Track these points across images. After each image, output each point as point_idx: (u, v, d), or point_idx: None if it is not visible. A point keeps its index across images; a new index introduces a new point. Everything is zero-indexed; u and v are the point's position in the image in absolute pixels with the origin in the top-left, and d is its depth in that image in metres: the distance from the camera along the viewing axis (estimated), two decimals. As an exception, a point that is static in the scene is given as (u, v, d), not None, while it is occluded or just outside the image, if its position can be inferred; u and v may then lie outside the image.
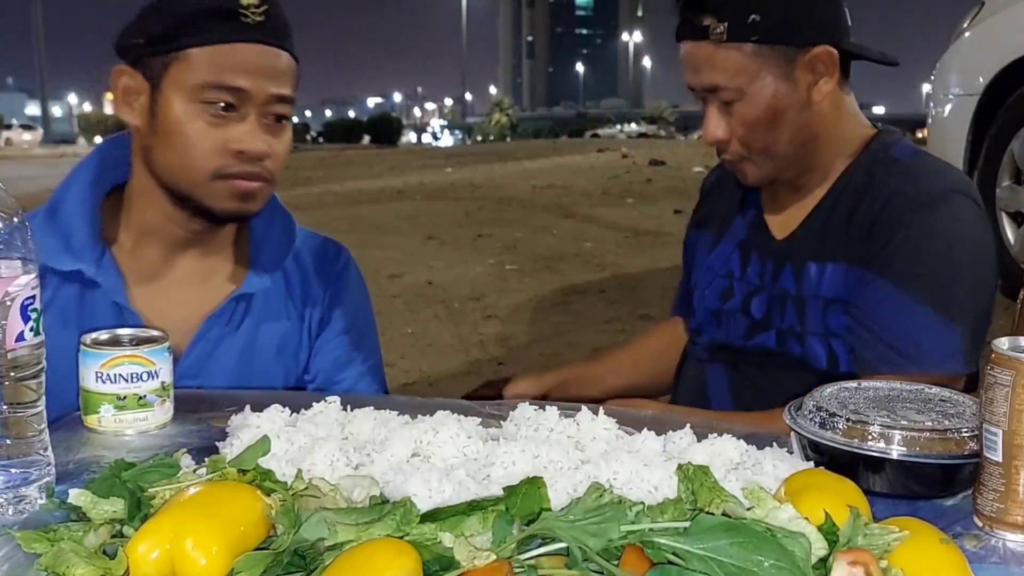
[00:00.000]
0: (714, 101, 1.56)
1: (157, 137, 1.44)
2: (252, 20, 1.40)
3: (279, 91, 1.43)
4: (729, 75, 1.53)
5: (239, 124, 1.41)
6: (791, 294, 1.59)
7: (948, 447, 1.00)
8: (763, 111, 1.54)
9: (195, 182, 1.43)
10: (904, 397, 1.09)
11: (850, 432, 1.02)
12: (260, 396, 1.22)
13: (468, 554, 0.78)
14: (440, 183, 13.36)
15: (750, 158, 1.59)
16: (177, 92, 1.41)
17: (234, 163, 1.42)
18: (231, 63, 1.40)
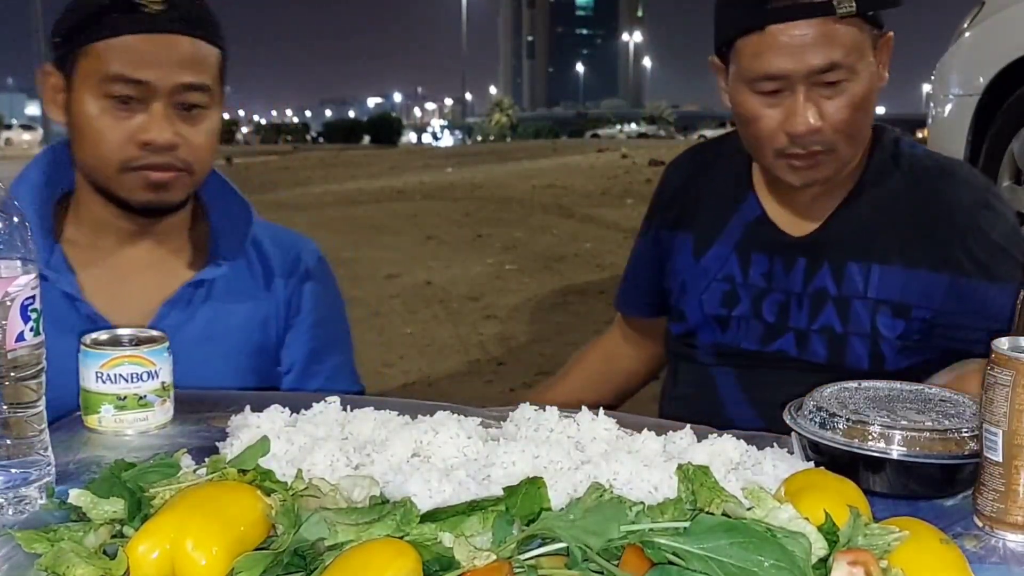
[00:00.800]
0: (803, 85, 1.45)
1: (74, 133, 1.46)
2: (151, 10, 1.40)
3: (185, 80, 1.42)
4: (846, 51, 1.45)
5: (144, 115, 1.42)
6: (830, 294, 1.55)
7: (948, 447, 1.00)
8: (867, 92, 1.48)
9: (107, 176, 1.44)
10: (904, 397, 1.09)
11: (850, 432, 1.02)
12: (260, 396, 1.23)
13: (468, 554, 0.78)
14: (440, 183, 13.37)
15: (836, 148, 1.49)
16: (85, 87, 1.42)
17: (141, 155, 1.42)
18: (129, 55, 1.40)
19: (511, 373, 4.49)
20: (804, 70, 1.44)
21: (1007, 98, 3.91)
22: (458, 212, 9.93)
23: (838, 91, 1.46)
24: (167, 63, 1.41)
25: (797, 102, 1.45)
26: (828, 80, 1.44)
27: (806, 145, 1.47)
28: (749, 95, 1.49)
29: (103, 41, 1.40)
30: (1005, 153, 3.97)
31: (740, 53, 1.49)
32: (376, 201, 10.69)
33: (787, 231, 1.60)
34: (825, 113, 1.46)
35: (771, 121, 1.48)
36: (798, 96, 1.45)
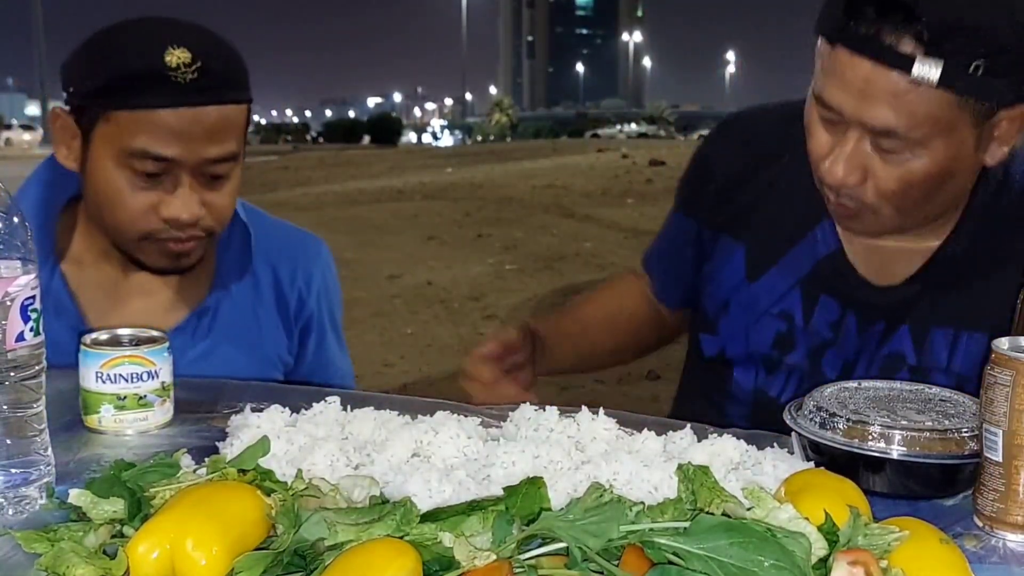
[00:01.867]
0: (857, 131, 1.20)
1: (88, 189, 1.40)
2: (182, 80, 1.30)
3: (214, 154, 1.35)
4: (914, 123, 1.16)
5: (169, 191, 1.35)
6: (908, 363, 1.33)
7: (948, 447, 1.00)
8: (935, 170, 1.20)
9: (125, 240, 1.40)
10: (904, 397, 1.09)
11: (850, 432, 1.02)
12: (261, 391, 1.23)
13: (468, 554, 0.78)
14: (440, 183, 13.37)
15: (878, 212, 1.24)
16: (105, 152, 1.34)
17: (164, 228, 1.37)
18: (157, 131, 1.31)
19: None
20: (856, 117, 1.18)
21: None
22: (458, 212, 9.94)
23: (895, 160, 1.20)
24: (195, 138, 1.33)
25: (843, 147, 1.21)
26: (883, 145, 1.19)
27: (839, 196, 1.25)
28: (814, 105, 1.25)
29: (128, 112, 1.32)
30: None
31: (818, 58, 1.24)
32: (376, 201, 10.69)
33: (870, 279, 1.34)
34: (873, 172, 1.21)
35: (820, 145, 1.25)
36: (847, 140, 1.21)
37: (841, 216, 1.30)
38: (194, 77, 1.30)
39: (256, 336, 1.54)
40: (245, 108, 1.39)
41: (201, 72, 1.31)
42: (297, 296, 1.58)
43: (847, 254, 1.36)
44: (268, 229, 1.59)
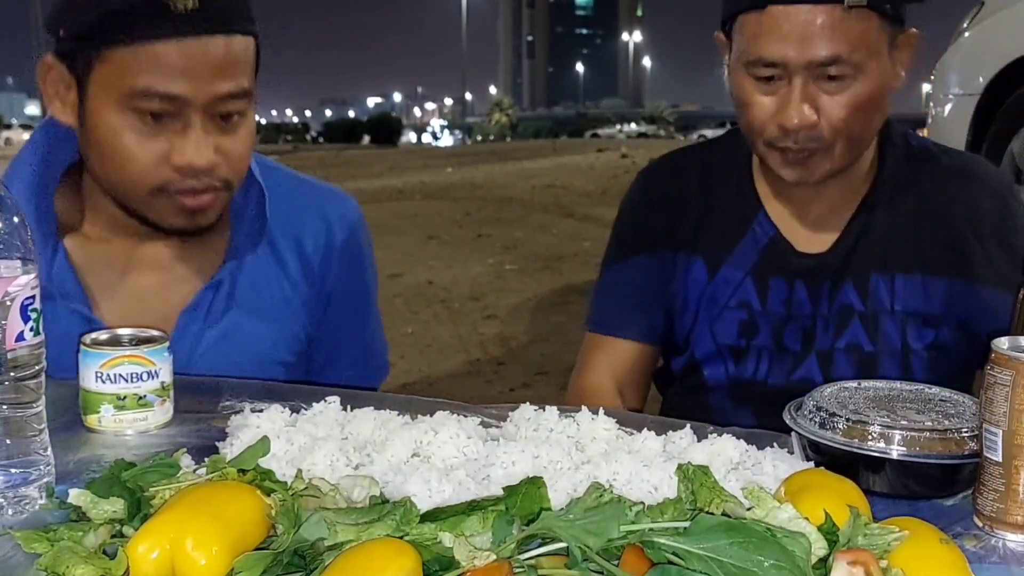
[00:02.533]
0: (802, 75, 1.35)
1: (89, 146, 1.29)
2: (182, 7, 1.20)
3: (223, 90, 1.25)
4: (853, 46, 1.33)
5: (179, 133, 1.25)
6: (856, 310, 1.46)
7: (948, 447, 0.99)
8: (874, 92, 1.36)
9: (135, 198, 1.30)
10: (904, 397, 1.09)
11: (850, 432, 1.02)
12: (260, 390, 1.23)
13: (468, 554, 0.78)
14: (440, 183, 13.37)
15: (831, 148, 1.38)
16: (105, 98, 1.24)
17: (177, 178, 1.27)
18: (159, 66, 1.22)
19: (511, 373, 4.50)
20: (803, 60, 1.34)
21: (1007, 98, 3.92)
22: (458, 212, 9.94)
23: (840, 87, 1.35)
24: (203, 73, 1.23)
25: (793, 93, 1.35)
26: (830, 74, 1.34)
27: (799, 140, 1.38)
28: (745, 78, 1.39)
29: (126, 47, 1.21)
30: (1005, 153, 3.97)
31: (740, 31, 1.39)
32: (376, 201, 10.69)
33: (804, 250, 1.49)
34: (823, 109, 1.36)
35: (764, 110, 1.39)
36: (795, 87, 1.35)
37: (795, 164, 1.41)
38: (195, 6, 1.21)
39: (280, 310, 1.44)
40: (253, 41, 1.30)
41: (203, 2, 1.22)
42: (321, 261, 1.48)
43: (783, 234, 1.50)
44: (287, 188, 1.47)
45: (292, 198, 1.47)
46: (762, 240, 1.51)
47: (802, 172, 1.41)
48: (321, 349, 1.52)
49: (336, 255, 1.49)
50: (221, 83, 1.25)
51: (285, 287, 1.45)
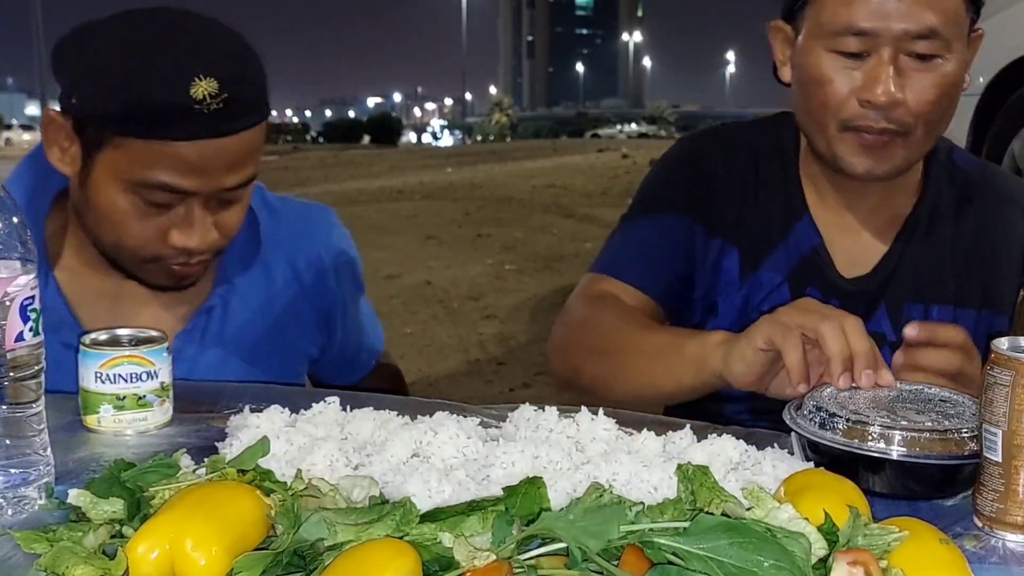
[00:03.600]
0: (889, 50, 1.28)
1: (88, 206, 1.28)
2: (206, 111, 1.20)
3: (232, 183, 1.27)
4: (948, 21, 1.27)
5: (179, 219, 1.26)
6: (888, 340, 1.40)
7: (948, 447, 0.99)
8: (959, 76, 1.31)
9: (126, 261, 1.32)
10: (904, 397, 1.09)
11: (850, 432, 1.01)
12: (260, 391, 1.23)
13: (468, 554, 0.77)
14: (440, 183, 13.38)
15: (911, 132, 1.31)
16: (110, 175, 1.24)
17: (172, 253, 1.29)
18: (175, 163, 1.21)
19: (511, 373, 4.50)
20: (899, 29, 1.26)
21: (1007, 98, 3.92)
22: (458, 212, 9.94)
23: (930, 67, 1.28)
24: (215, 170, 1.24)
25: (880, 66, 1.27)
26: (920, 51, 1.28)
27: (879, 119, 1.30)
28: (824, 55, 1.31)
29: (142, 141, 1.20)
30: (1005, 153, 3.97)
31: (822, 4, 1.32)
32: (376, 201, 10.70)
33: (843, 269, 1.43)
34: (910, 88, 1.28)
35: (845, 85, 1.30)
36: (883, 60, 1.27)
37: (870, 151, 1.32)
38: (219, 107, 1.20)
39: (274, 330, 1.45)
40: (265, 123, 1.31)
41: (227, 102, 1.21)
42: (315, 277, 1.49)
43: (827, 247, 1.44)
44: (273, 210, 1.48)
45: (278, 220, 1.48)
46: (804, 247, 1.44)
47: (875, 161, 1.33)
48: (333, 357, 1.55)
49: (327, 266, 1.51)
50: (231, 177, 1.26)
51: (278, 305, 1.46)
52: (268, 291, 1.45)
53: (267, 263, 1.45)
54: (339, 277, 1.53)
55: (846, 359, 1.08)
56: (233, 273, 1.43)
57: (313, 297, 1.49)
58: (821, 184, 1.46)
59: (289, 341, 1.48)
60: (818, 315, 1.13)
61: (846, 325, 1.10)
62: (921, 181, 1.45)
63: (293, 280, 1.48)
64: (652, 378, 1.34)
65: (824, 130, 1.35)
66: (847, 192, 1.44)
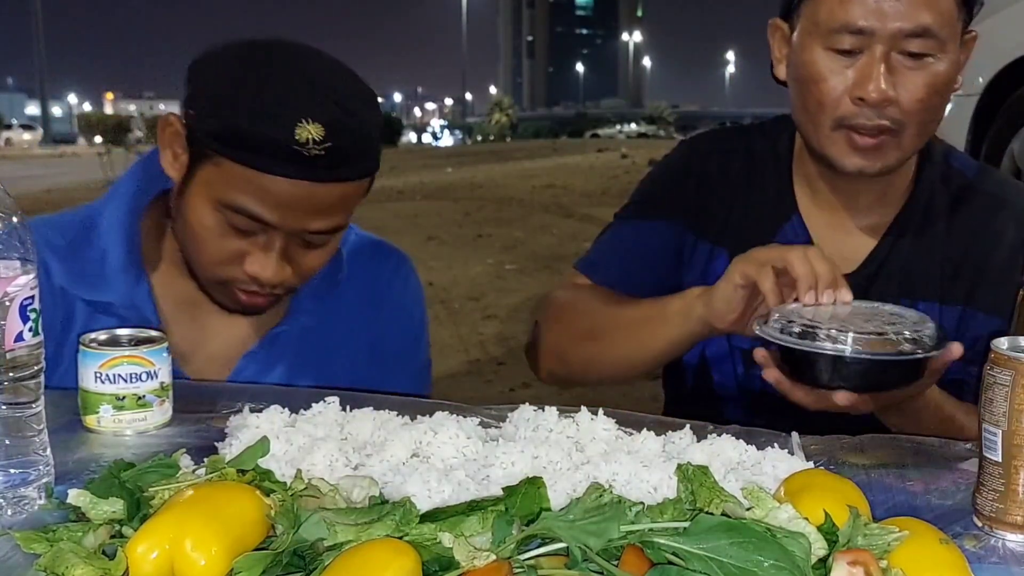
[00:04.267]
0: (882, 48, 1.30)
1: (179, 215, 1.32)
2: (307, 154, 1.21)
3: (316, 227, 1.28)
4: (941, 20, 1.29)
5: (258, 248, 1.28)
6: None
7: (885, 348, 1.12)
8: (951, 76, 1.33)
9: (202, 276, 1.34)
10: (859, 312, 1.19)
11: (803, 335, 1.14)
12: (260, 393, 1.23)
13: (468, 554, 0.78)
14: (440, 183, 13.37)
15: (903, 131, 1.34)
16: (203, 191, 1.27)
17: (244, 279, 1.30)
18: (265, 194, 1.23)
19: (511, 373, 4.50)
20: (893, 27, 1.29)
21: (1007, 98, 3.92)
22: (458, 212, 9.94)
23: (922, 65, 1.31)
24: (302, 210, 1.25)
25: (873, 64, 1.30)
26: (913, 50, 1.30)
27: (873, 116, 1.32)
28: (820, 52, 1.34)
29: (240, 166, 1.23)
30: (1005, 153, 3.97)
31: (820, 3, 1.34)
32: (376, 201, 10.69)
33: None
34: (902, 86, 1.31)
35: (839, 83, 1.33)
36: (876, 58, 1.30)
37: (862, 149, 1.35)
38: (320, 154, 1.21)
39: (336, 364, 1.45)
40: (369, 180, 1.32)
41: (329, 151, 1.21)
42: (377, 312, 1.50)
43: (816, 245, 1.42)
44: (358, 248, 1.50)
45: (361, 256, 1.49)
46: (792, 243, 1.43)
47: (867, 160, 1.36)
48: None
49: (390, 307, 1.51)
50: (317, 222, 1.27)
51: (344, 342, 1.46)
52: (337, 327, 1.46)
53: (342, 299, 1.46)
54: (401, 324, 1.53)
55: (811, 279, 1.19)
56: (309, 303, 1.43)
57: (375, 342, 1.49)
58: (815, 184, 1.47)
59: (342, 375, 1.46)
60: (784, 248, 1.25)
61: (809, 253, 1.22)
62: (913, 181, 1.46)
63: (362, 318, 1.48)
64: (640, 343, 1.40)
65: (818, 128, 1.37)
66: (841, 191, 1.45)
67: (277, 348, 1.43)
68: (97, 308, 1.34)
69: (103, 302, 1.34)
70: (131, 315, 1.34)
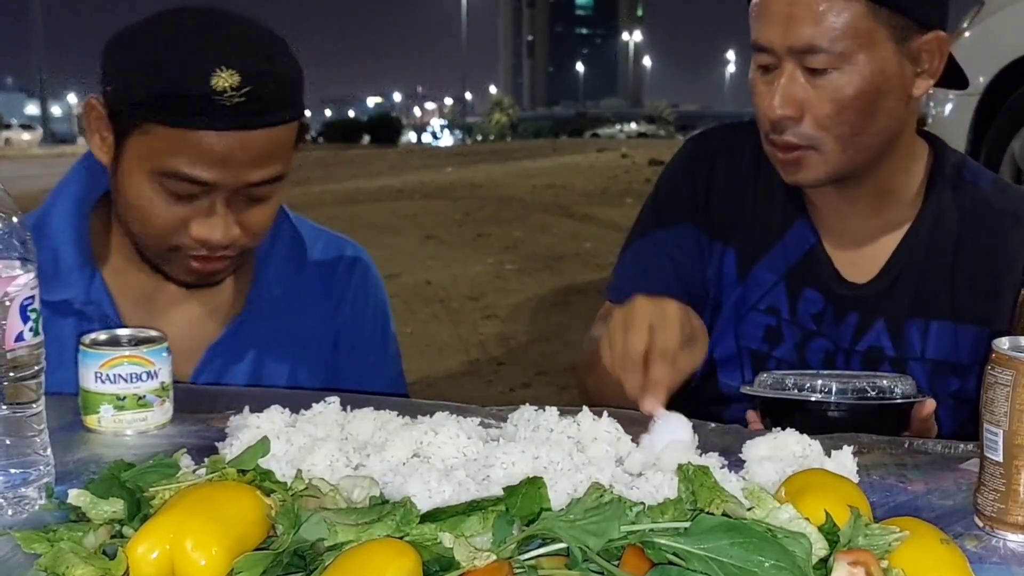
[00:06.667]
0: (790, 65, 1.30)
1: (117, 192, 1.32)
2: (227, 103, 1.21)
3: (256, 178, 1.27)
4: (836, 35, 1.26)
5: (202, 211, 1.27)
6: (887, 355, 1.42)
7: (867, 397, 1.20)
8: (863, 88, 1.29)
9: (151, 251, 1.33)
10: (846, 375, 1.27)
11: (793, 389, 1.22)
12: (260, 395, 1.22)
13: (468, 554, 0.77)
14: (440, 183, 13.37)
15: (820, 146, 1.32)
16: (136, 163, 1.26)
17: (193, 244, 1.29)
18: (197, 153, 1.22)
19: (511, 373, 4.50)
20: (785, 44, 1.28)
21: (1007, 97, 3.92)
22: (458, 212, 9.93)
23: (825, 79, 1.29)
24: (237, 164, 1.24)
25: (778, 81, 1.30)
26: (813, 65, 1.28)
27: (781, 133, 1.32)
28: (753, 68, 1.35)
29: (167, 128, 1.23)
30: (1005, 153, 3.97)
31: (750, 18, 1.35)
32: (376, 201, 10.69)
33: (843, 273, 1.43)
34: (808, 103, 1.30)
35: (762, 100, 1.33)
36: (782, 75, 1.30)
37: (788, 164, 1.35)
38: (242, 100, 1.21)
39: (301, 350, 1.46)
40: (296, 125, 1.31)
41: (249, 96, 1.22)
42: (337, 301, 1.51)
43: (824, 247, 1.44)
44: (311, 236, 1.51)
45: (316, 242, 1.50)
46: (802, 247, 1.45)
47: (794, 173, 1.36)
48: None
49: (351, 293, 1.52)
50: (255, 172, 1.27)
51: (305, 327, 1.47)
52: (301, 314, 1.47)
53: (303, 287, 1.47)
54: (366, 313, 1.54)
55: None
56: (270, 290, 1.44)
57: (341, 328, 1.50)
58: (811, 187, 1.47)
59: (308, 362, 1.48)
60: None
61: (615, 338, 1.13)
62: (923, 194, 1.44)
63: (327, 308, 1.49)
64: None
65: (763, 140, 1.39)
66: (832, 196, 1.43)
67: (242, 338, 1.43)
68: (55, 310, 1.31)
69: (59, 301, 1.33)
70: (90, 311, 1.35)
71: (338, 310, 1.51)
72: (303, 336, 1.47)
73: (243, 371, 1.43)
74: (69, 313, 1.34)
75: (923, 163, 1.44)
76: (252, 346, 1.44)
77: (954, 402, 1.42)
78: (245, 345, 1.43)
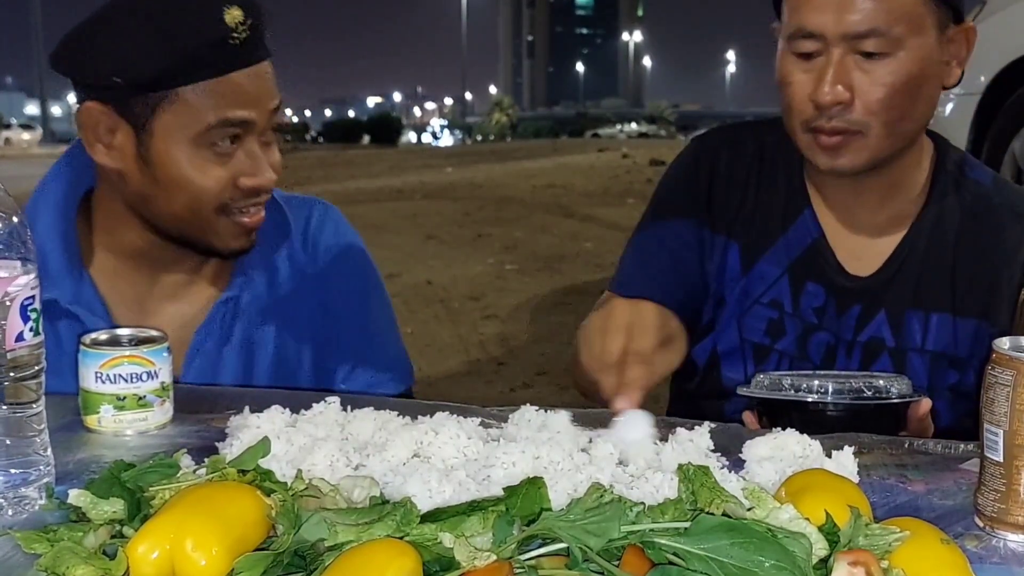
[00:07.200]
0: (839, 50, 1.30)
1: (155, 186, 1.31)
2: (239, 41, 1.26)
3: (275, 106, 1.33)
4: (893, 19, 1.28)
5: (243, 156, 1.31)
6: (887, 345, 1.43)
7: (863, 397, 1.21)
8: (915, 73, 1.31)
9: (201, 226, 1.33)
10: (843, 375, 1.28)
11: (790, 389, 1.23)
12: (261, 395, 1.22)
13: (468, 554, 0.77)
14: (440, 183, 13.37)
15: (867, 131, 1.32)
16: (174, 137, 1.27)
17: (239, 197, 1.32)
18: (232, 96, 1.28)
19: (511, 373, 4.50)
20: (840, 30, 1.29)
21: (1008, 97, 3.92)
22: (458, 212, 9.93)
23: (878, 64, 1.30)
24: (263, 96, 1.31)
25: (828, 67, 1.30)
26: (867, 50, 1.29)
27: (832, 120, 1.32)
28: (787, 56, 1.35)
29: (200, 85, 1.26)
30: (1006, 153, 3.97)
31: (786, 6, 1.36)
32: (376, 201, 10.69)
33: (847, 267, 1.45)
34: (859, 87, 1.31)
35: (801, 87, 1.33)
36: (831, 60, 1.30)
37: (830, 150, 1.35)
38: (248, 34, 1.27)
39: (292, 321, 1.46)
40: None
41: (252, 28, 1.27)
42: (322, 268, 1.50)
43: (828, 240, 1.45)
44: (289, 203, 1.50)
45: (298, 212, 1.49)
46: (805, 240, 1.46)
47: (835, 159, 1.35)
48: (338, 358, 1.53)
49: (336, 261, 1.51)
50: (273, 102, 1.33)
51: (294, 298, 1.47)
52: (286, 282, 1.47)
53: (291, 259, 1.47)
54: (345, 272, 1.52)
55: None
56: (254, 264, 1.44)
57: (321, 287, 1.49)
58: (820, 180, 1.47)
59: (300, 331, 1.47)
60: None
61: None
62: (927, 189, 1.45)
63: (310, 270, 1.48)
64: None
65: (793, 129, 1.39)
66: (843, 189, 1.45)
67: (229, 315, 1.43)
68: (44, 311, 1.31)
69: (47, 301, 1.29)
70: (79, 311, 1.35)
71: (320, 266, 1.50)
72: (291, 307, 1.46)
73: (236, 352, 1.43)
74: (58, 314, 1.34)
75: (929, 159, 1.46)
76: (239, 322, 1.43)
77: (952, 395, 1.43)
78: (232, 322, 1.43)
